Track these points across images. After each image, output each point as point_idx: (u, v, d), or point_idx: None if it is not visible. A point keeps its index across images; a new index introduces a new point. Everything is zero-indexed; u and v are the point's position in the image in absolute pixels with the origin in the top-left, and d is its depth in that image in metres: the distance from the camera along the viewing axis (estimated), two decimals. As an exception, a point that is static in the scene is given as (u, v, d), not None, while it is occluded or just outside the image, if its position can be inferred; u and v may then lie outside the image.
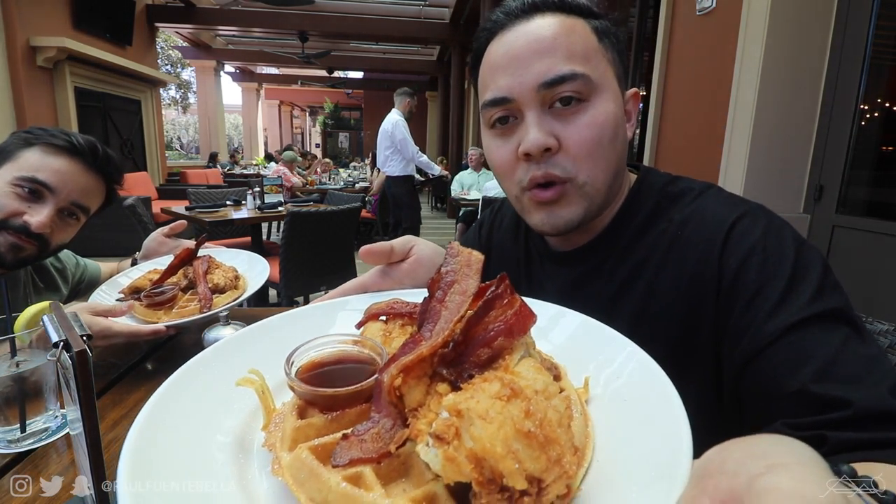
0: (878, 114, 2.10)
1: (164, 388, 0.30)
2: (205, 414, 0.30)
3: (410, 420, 0.25)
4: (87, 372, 0.39)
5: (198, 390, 0.31)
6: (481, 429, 0.21)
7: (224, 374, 0.32)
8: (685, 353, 0.51)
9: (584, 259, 0.60)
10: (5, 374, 0.60)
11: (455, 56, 9.85)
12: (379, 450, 0.24)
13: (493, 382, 0.24)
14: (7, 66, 5.32)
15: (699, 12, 2.72)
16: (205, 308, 0.82)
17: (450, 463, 0.21)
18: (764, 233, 0.49)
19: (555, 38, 0.51)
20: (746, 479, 0.17)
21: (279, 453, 0.26)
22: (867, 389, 0.39)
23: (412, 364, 0.26)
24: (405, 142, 4.00)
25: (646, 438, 0.25)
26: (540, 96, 0.52)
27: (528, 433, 0.21)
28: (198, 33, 11.54)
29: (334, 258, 2.84)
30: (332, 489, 0.23)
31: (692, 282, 0.50)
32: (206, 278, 0.88)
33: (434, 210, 9.75)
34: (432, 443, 0.22)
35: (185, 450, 0.27)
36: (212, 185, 7.45)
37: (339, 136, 21.20)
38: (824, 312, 0.43)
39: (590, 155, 0.52)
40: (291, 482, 0.24)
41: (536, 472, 0.21)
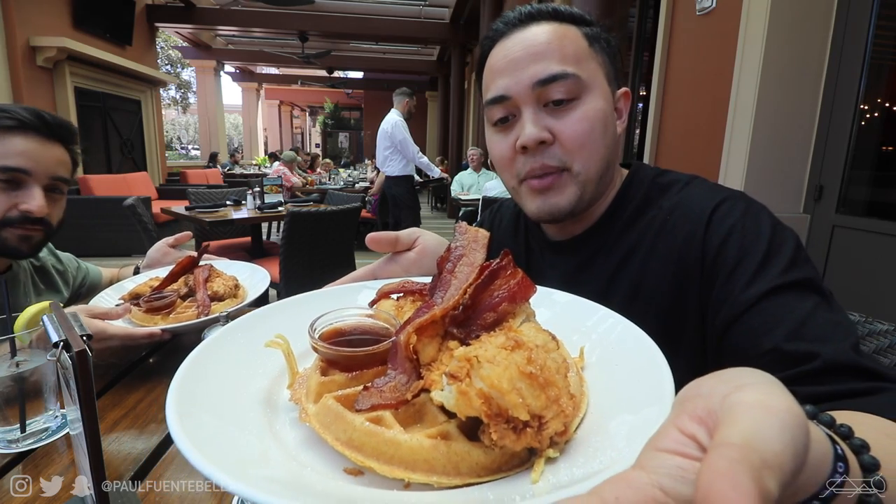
0: (878, 114, 2.10)
1: (199, 350, 0.33)
2: (235, 374, 0.33)
3: (424, 373, 0.28)
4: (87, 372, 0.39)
5: (228, 354, 0.34)
6: (489, 370, 0.24)
7: (251, 341, 0.35)
8: (675, 326, 0.56)
9: (581, 247, 0.65)
10: (5, 374, 0.60)
11: (455, 56, 9.86)
12: (397, 398, 0.27)
13: (499, 336, 0.28)
14: (7, 66, 5.32)
15: (699, 12, 2.72)
16: (202, 314, 0.82)
17: (463, 398, 0.24)
18: (742, 215, 0.54)
19: (548, 43, 0.57)
20: (719, 398, 0.19)
21: (305, 405, 0.29)
22: (833, 345, 0.44)
23: (426, 324, 0.29)
24: (405, 142, 4.00)
25: (634, 391, 0.28)
26: (535, 94, 0.57)
27: (530, 374, 0.25)
28: (198, 33, 11.54)
29: (334, 258, 2.84)
30: (357, 428, 0.26)
31: (679, 262, 0.55)
32: (206, 286, 0.88)
33: (434, 210, 9.75)
34: (447, 382, 0.25)
35: (218, 402, 0.30)
36: (212, 185, 7.45)
37: (339, 136, 21.20)
38: (795, 281, 0.48)
39: (582, 146, 0.57)
40: (318, 426, 0.28)
41: (537, 409, 0.24)
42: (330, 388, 0.29)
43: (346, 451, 0.26)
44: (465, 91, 10.49)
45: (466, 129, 11.10)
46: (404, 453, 0.25)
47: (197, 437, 0.25)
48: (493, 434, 0.24)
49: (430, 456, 0.25)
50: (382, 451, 0.25)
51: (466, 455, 0.25)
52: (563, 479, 0.24)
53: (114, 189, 5.60)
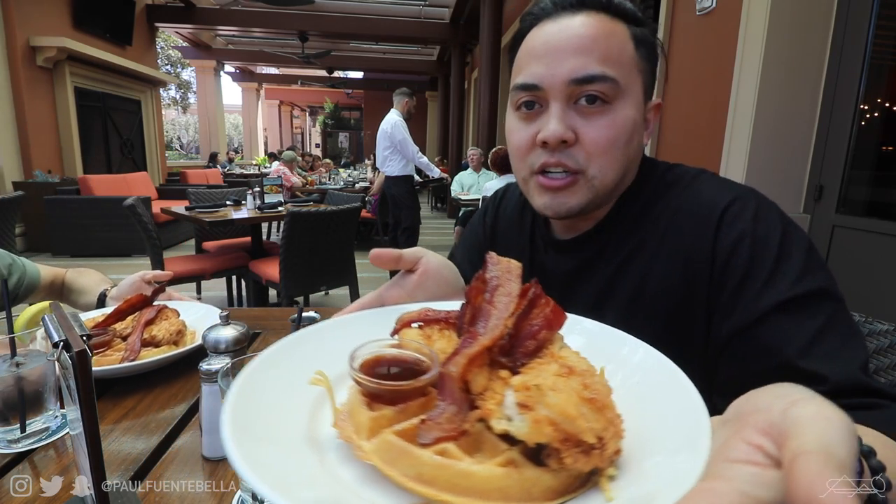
0: (878, 114, 2.10)
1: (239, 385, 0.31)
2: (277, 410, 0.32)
3: (479, 403, 0.28)
4: (87, 372, 0.39)
5: (268, 387, 0.33)
6: (554, 398, 0.25)
7: (281, 376, 0.34)
8: (680, 328, 0.54)
9: (587, 245, 0.63)
10: (5, 374, 0.60)
11: (455, 56, 9.86)
12: (455, 429, 0.27)
13: (551, 364, 0.29)
14: (7, 66, 5.32)
15: (699, 12, 2.72)
16: (127, 359, 0.75)
17: (536, 426, 0.25)
18: (753, 218, 0.52)
19: (594, 39, 0.53)
20: (778, 412, 0.21)
21: (358, 442, 0.28)
22: (842, 366, 0.44)
23: (477, 355, 0.30)
24: (405, 142, 3.99)
25: (666, 412, 0.29)
26: (568, 90, 0.54)
27: (589, 399, 0.26)
28: (198, 33, 11.54)
29: (334, 258, 2.84)
30: (426, 462, 0.26)
31: (687, 263, 0.54)
32: (146, 329, 0.81)
33: (434, 210, 9.75)
34: (517, 411, 0.26)
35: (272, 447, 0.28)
36: (212, 185, 7.45)
37: (339, 136, 21.20)
38: (807, 293, 0.47)
39: (604, 153, 0.55)
40: (380, 463, 0.27)
41: (598, 431, 0.25)
42: (381, 423, 0.29)
43: (417, 486, 0.25)
44: (465, 91, 10.48)
45: (466, 129, 11.10)
46: (478, 483, 0.25)
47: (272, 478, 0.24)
48: (566, 458, 0.25)
49: (504, 484, 0.25)
50: (455, 484, 0.25)
51: (537, 480, 0.25)
52: (635, 495, 0.24)
53: (114, 189, 5.60)
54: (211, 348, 0.65)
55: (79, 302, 1.06)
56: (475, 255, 0.76)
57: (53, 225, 4.95)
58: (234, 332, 0.66)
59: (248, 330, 0.69)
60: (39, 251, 5.20)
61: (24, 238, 5.15)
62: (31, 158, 5.54)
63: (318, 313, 0.98)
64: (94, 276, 1.09)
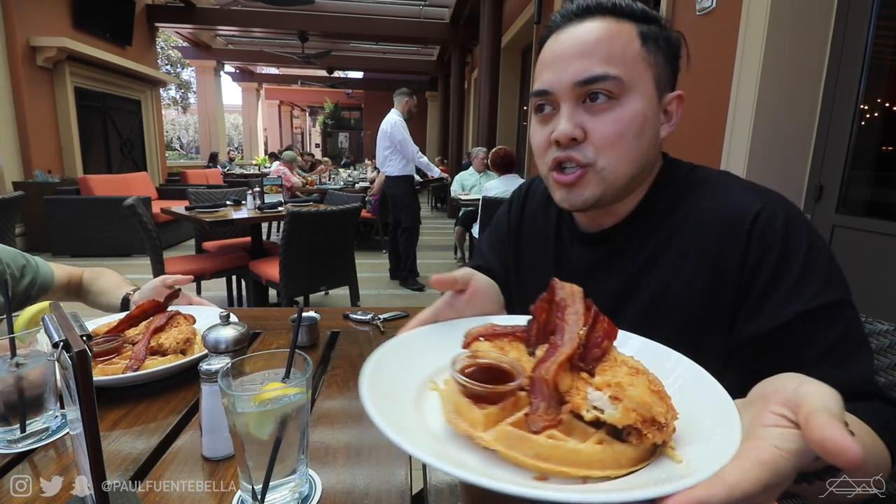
0: (878, 114, 2.10)
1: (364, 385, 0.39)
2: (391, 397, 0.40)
3: (567, 398, 0.36)
4: (87, 372, 0.39)
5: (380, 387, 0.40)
6: (633, 391, 0.34)
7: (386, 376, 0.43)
8: (704, 327, 0.57)
9: (611, 240, 0.65)
10: (5, 374, 0.60)
11: (455, 56, 9.85)
12: (554, 419, 0.35)
13: (622, 366, 0.38)
14: (7, 66, 5.32)
15: (699, 12, 2.72)
16: (129, 369, 0.74)
17: (626, 412, 0.33)
18: (784, 226, 0.54)
19: (596, 42, 0.57)
20: (791, 391, 0.31)
21: (478, 434, 0.35)
22: (849, 374, 0.50)
23: (563, 362, 0.38)
24: (405, 142, 3.99)
25: (700, 403, 0.38)
26: (575, 92, 0.58)
27: (656, 391, 0.35)
28: (198, 33, 11.54)
29: (334, 258, 2.84)
30: (542, 444, 0.33)
31: (715, 266, 0.56)
32: (154, 336, 0.80)
33: (434, 210, 9.75)
34: (608, 403, 0.34)
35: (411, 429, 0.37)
36: (212, 185, 7.45)
37: (339, 136, 21.19)
38: (829, 304, 0.51)
39: (611, 146, 0.58)
40: (503, 448, 0.34)
41: (664, 414, 0.34)
42: (492, 419, 0.36)
43: (536, 462, 0.33)
44: (465, 91, 10.48)
45: (466, 129, 11.09)
46: (584, 457, 0.33)
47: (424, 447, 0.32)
48: (646, 434, 0.33)
49: (603, 456, 0.33)
50: (567, 459, 0.33)
51: (624, 452, 0.34)
52: (696, 456, 0.33)
53: (114, 189, 5.60)
54: (211, 348, 0.65)
55: (99, 301, 1.05)
56: (500, 247, 0.82)
57: (53, 225, 4.95)
58: (234, 332, 0.66)
59: (248, 330, 0.69)
60: (39, 251, 5.18)
61: (24, 238, 5.15)
62: (31, 158, 5.54)
63: (319, 313, 0.98)
64: (113, 278, 1.08)
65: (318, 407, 0.73)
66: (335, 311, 1.13)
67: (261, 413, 0.47)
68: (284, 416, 0.47)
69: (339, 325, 1.07)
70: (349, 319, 1.10)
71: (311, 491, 0.54)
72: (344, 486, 0.55)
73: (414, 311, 1.14)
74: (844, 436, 0.26)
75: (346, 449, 0.62)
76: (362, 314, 1.10)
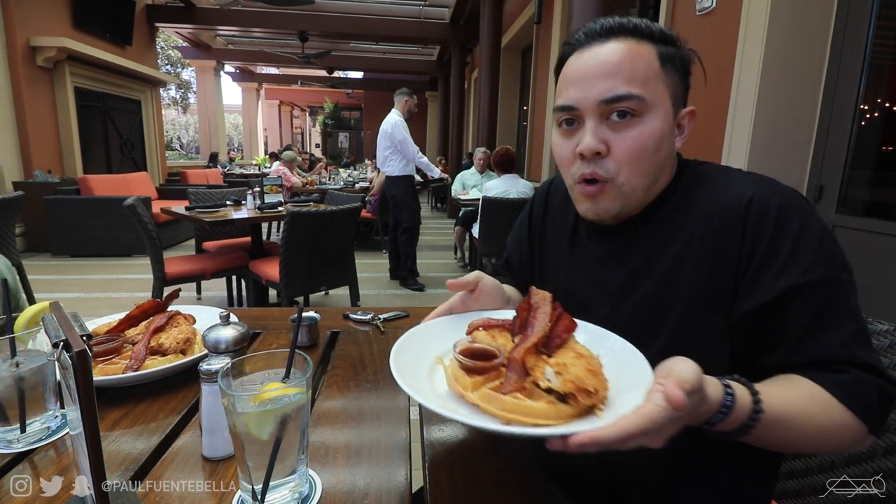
0: (878, 114, 2.10)
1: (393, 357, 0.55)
2: (411, 370, 0.55)
3: (531, 372, 0.51)
4: (87, 372, 0.39)
5: (403, 361, 0.55)
6: (573, 368, 0.48)
7: (407, 353, 0.58)
8: (708, 308, 0.61)
9: (623, 232, 0.70)
10: (5, 374, 0.60)
11: (455, 56, 9.85)
12: (519, 386, 0.49)
13: (570, 352, 0.53)
14: (7, 66, 5.32)
15: (699, 12, 2.72)
16: (129, 369, 0.74)
17: (565, 383, 0.47)
18: (777, 209, 0.58)
19: (620, 63, 0.61)
20: (668, 366, 0.46)
21: (467, 394, 0.51)
22: (826, 344, 0.55)
23: (530, 347, 0.53)
24: (405, 142, 3.98)
25: (631, 379, 0.51)
26: (600, 109, 0.62)
27: (591, 370, 0.48)
28: (198, 33, 11.54)
29: (334, 258, 2.84)
30: (508, 401, 0.48)
31: (717, 249, 0.60)
32: (154, 336, 0.80)
33: (434, 210, 9.75)
34: (555, 377, 0.48)
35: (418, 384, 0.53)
36: (212, 185, 7.45)
37: (339, 136, 21.17)
38: (814, 280, 0.56)
39: (631, 162, 0.63)
40: (482, 403, 0.50)
41: (594, 386, 0.47)
42: (478, 384, 0.52)
43: (503, 413, 0.48)
44: (465, 91, 10.48)
45: (466, 129, 11.10)
46: (535, 411, 0.47)
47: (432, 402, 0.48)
48: (580, 399, 0.47)
49: (549, 411, 0.47)
50: (524, 412, 0.47)
51: (564, 410, 0.47)
52: (610, 414, 0.47)
53: (114, 189, 5.59)
54: (211, 348, 0.65)
55: None
56: (525, 243, 0.88)
57: (53, 225, 4.95)
58: (234, 332, 0.66)
59: (248, 330, 0.69)
60: (39, 251, 5.20)
61: (24, 238, 5.15)
62: (31, 158, 5.54)
63: (319, 313, 0.98)
64: None
65: (318, 407, 0.73)
66: (335, 311, 1.13)
67: (261, 413, 0.47)
68: (284, 416, 0.47)
69: (339, 325, 1.07)
70: (349, 319, 1.10)
71: (311, 491, 0.54)
72: (344, 486, 0.55)
73: (414, 311, 1.14)
74: (673, 389, 0.41)
75: (346, 449, 0.62)
76: (362, 314, 1.10)
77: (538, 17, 5.50)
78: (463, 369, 0.53)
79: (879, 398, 0.53)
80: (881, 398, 0.53)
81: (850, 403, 0.52)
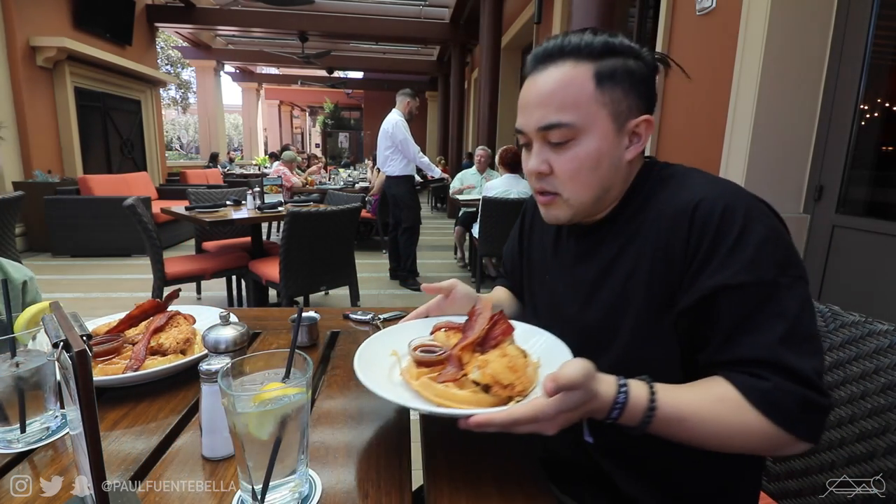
0: (878, 114, 2.10)
1: (361, 348, 0.70)
2: (374, 361, 0.68)
3: (465, 367, 0.62)
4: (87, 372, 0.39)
5: (371, 352, 0.70)
6: (492, 366, 0.58)
7: (374, 348, 0.72)
8: (659, 307, 0.64)
9: (595, 233, 0.75)
10: (5, 374, 0.60)
11: (455, 56, 9.85)
12: (453, 377, 0.60)
13: (497, 351, 0.63)
14: (7, 66, 5.32)
15: (699, 12, 2.72)
16: (129, 369, 0.74)
17: (485, 376, 0.57)
18: (721, 213, 0.60)
19: (552, 93, 0.66)
20: (560, 365, 0.52)
21: (410, 381, 0.63)
22: (749, 345, 0.57)
23: (466, 346, 0.64)
24: (406, 142, 3.98)
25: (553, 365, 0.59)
26: (539, 135, 0.68)
27: (510, 367, 0.58)
28: (198, 33, 11.54)
29: (334, 258, 2.84)
30: (439, 389, 0.59)
31: (667, 251, 0.63)
32: (154, 336, 0.80)
33: (434, 210, 9.75)
34: (478, 370, 0.59)
35: (373, 377, 0.64)
36: (212, 185, 7.44)
37: (339, 136, 21.16)
38: (747, 282, 0.57)
39: (571, 180, 0.68)
40: (420, 389, 0.61)
41: (510, 380, 0.57)
42: (422, 373, 0.63)
43: (434, 398, 0.59)
44: (465, 91, 10.48)
45: (466, 129, 11.09)
46: (460, 398, 0.58)
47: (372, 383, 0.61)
48: (498, 391, 0.57)
49: (471, 399, 0.57)
50: (451, 398, 0.58)
51: (485, 399, 0.58)
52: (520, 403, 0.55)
53: (114, 189, 5.59)
54: (211, 348, 0.65)
55: None
56: (516, 245, 0.94)
57: (53, 225, 4.94)
58: (233, 332, 0.66)
59: (248, 330, 0.69)
60: (39, 251, 5.20)
61: (24, 238, 5.15)
62: (31, 158, 5.54)
63: (319, 313, 0.98)
64: None
65: (318, 407, 0.73)
66: (335, 311, 1.13)
67: (261, 413, 0.47)
68: (284, 416, 0.47)
69: (339, 325, 1.07)
70: (349, 319, 1.10)
71: (311, 491, 0.54)
72: (344, 486, 0.55)
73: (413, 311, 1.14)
74: (548, 383, 0.50)
75: (346, 449, 0.62)
76: (362, 314, 1.10)
77: (538, 17, 5.50)
78: (415, 362, 0.66)
79: (802, 408, 0.53)
80: (804, 408, 0.53)
81: (766, 410, 0.54)
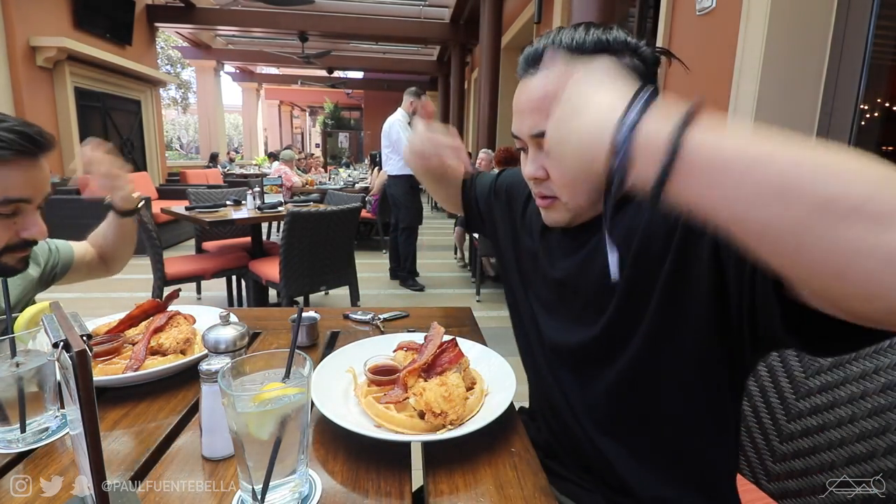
0: (878, 114, 2.10)
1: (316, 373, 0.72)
2: (329, 381, 0.74)
3: (410, 391, 0.66)
4: (87, 372, 0.39)
5: (328, 372, 0.77)
6: (428, 394, 0.63)
7: (331, 367, 0.78)
8: (681, 281, 0.60)
9: (587, 231, 0.73)
10: (5, 374, 0.60)
11: (455, 56, 9.84)
12: (396, 400, 0.65)
13: (438, 379, 0.66)
14: (7, 66, 5.32)
15: (699, 12, 2.72)
16: (129, 369, 0.74)
17: (419, 403, 0.63)
18: None
19: (542, 99, 0.63)
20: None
21: (361, 398, 0.68)
22: None
23: (413, 370, 0.68)
24: (400, 142, 3.97)
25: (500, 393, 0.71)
26: (534, 141, 0.67)
27: (444, 396, 0.63)
28: (198, 33, 11.53)
29: (334, 258, 2.84)
30: (380, 410, 0.64)
31: (668, 227, 0.61)
32: (154, 336, 0.80)
33: (434, 210, 9.74)
34: (414, 399, 0.64)
35: (328, 394, 0.70)
36: (212, 185, 7.44)
37: (339, 136, 21.14)
38: None
39: (565, 185, 0.66)
40: (366, 408, 0.66)
41: (443, 408, 0.62)
42: (371, 392, 0.68)
43: (376, 418, 0.64)
44: (465, 91, 10.47)
45: (466, 130, 11.09)
46: (396, 421, 0.63)
47: (322, 402, 0.65)
48: (430, 419, 0.62)
49: (407, 423, 0.62)
50: (389, 420, 0.63)
51: (419, 423, 0.62)
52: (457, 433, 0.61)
53: (114, 189, 5.59)
54: (211, 348, 0.65)
55: (109, 243, 1.25)
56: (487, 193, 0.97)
57: (53, 225, 4.88)
58: (233, 332, 0.66)
59: (247, 330, 0.69)
60: (39, 251, 5.19)
61: (24, 238, 5.15)
62: (31, 158, 5.53)
63: (319, 313, 0.98)
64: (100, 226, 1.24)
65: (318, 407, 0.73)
66: (335, 311, 1.13)
67: (261, 413, 0.47)
68: (284, 416, 0.47)
69: (339, 325, 1.07)
70: (349, 319, 1.10)
71: (311, 491, 0.54)
72: (344, 486, 0.55)
73: (414, 311, 1.14)
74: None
75: (346, 449, 0.62)
76: (362, 314, 1.10)
77: (538, 16, 5.50)
78: (369, 382, 0.71)
79: None
80: None
81: None
